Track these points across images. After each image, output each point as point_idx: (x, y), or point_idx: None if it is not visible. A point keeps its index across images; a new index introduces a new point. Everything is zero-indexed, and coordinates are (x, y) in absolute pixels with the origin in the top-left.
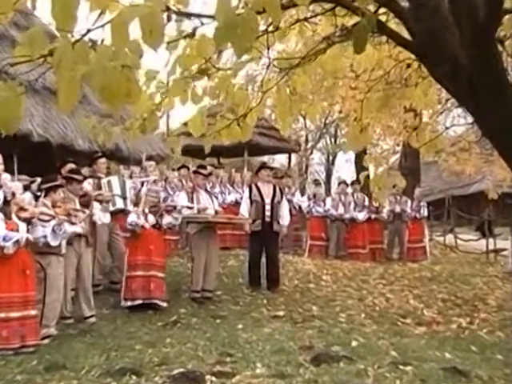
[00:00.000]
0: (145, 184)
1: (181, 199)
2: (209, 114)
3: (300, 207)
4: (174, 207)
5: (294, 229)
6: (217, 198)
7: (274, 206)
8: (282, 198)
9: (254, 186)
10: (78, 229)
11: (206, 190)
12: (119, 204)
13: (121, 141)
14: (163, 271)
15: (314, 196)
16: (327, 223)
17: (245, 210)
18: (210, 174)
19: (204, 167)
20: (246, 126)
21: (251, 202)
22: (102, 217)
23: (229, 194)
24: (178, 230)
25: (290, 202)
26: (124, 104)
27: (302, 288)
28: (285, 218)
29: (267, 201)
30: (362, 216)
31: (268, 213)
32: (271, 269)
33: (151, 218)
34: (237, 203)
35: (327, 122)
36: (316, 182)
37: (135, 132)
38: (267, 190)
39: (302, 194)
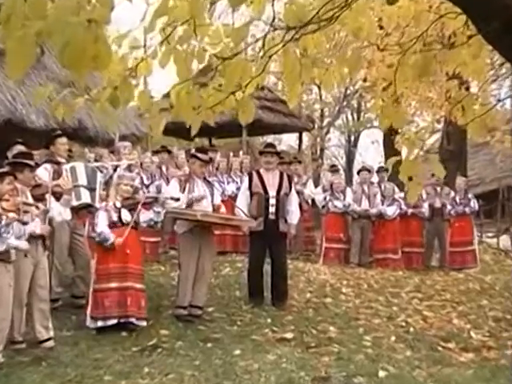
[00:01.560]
0: (118, 170)
1: (170, 189)
2: (197, 83)
3: (313, 201)
4: (156, 199)
5: (305, 228)
6: (218, 189)
7: (280, 199)
8: (290, 189)
9: (255, 174)
10: (37, 228)
11: (205, 179)
12: (85, 197)
13: (86, 116)
14: (142, 281)
15: (331, 187)
16: (348, 221)
17: (243, 204)
18: (211, 159)
19: (204, 151)
20: (245, 101)
21: (251, 195)
22: (61, 213)
23: (227, 183)
24: (158, 228)
25: (300, 194)
26: (90, 69)
27: (316, 303)
28: (293, 215)
29: (272, 193)
30: (391, 211)
31: (272, 208)
32: (277, 279)
33: (126, 215)
34: (237, 196)
35: (348, 92)
36: (333, 169)
37: (104, 105)
38: (272, 180)
39: (316, 185)
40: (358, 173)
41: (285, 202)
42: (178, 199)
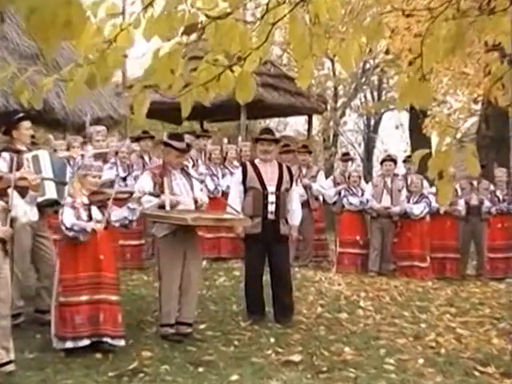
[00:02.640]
0: (85, 158)
1: (141, 184)
2: (186, 56)
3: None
4: (131, 194)
5: (315, 230)
6: (202, 182)
7: (280, 196)
8: (291, 184)
9: (249, 166)
10: None
11: (183, 170)
12: (50, 192)
13: (53, 96)
14: (117, 293)
15: (348, 179)
16: (366, 221)
17: (235, 202)
18: (189, 147)
19: (179, 137)
20: (244, 77)
21: (245, 190)
22: (27, 212)
23: (222, 176)
24: (139, 228)
25: (307, 189)
26: (61, 39)
27: (329, 319)
28: (295, 215)
29: (270, 189)
30: (419, 210)
31: (272, 207)
32: (280, 290)
33: (97, 213)
34: None
35: (367, 67)
36: (345, 158)
37: (79, 85)
38: (270, 172)
39: (327, 178)
40: (382, 163)
41: (285, 199)
42: (157, 195)
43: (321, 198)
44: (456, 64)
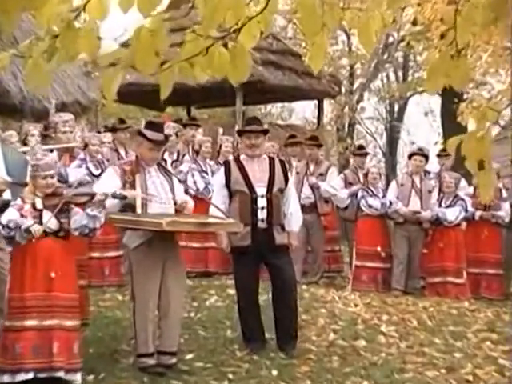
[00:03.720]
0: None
1: (104, 184)
2: (171, 29)
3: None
4: (92, 196)
5: (327, 239)
6: (184, 181)
7: (272, 199)
8: (286, 182)
9: (233, 164)
10: None
11: (161, 167)
12: (5, 193)
13: (9, 76)
14: (75, 317)
15: (366, 176)
16: (389, 228)
17: (219, 209)
18: (166, 138)
19: (156, 126)
20: (239, 52)
21: (230, 195)
22: None
23: (212, 173)
24: (117, 237)
25: (314, 189)
26: (22, 10)
27: (344, 348)
28: (293, 220)
29: (260, 191)
30: (453, 215)
31: (262, 213)
32: (282, 312)
33: (51, 221)
34: None
35: (390, 41)
36: (358, 152)
37: (38, 62)
38: (259, 171)
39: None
40: (409, 158)
41: (279, 202)
42: (123, 197)
43: (334, 200)
44: (497, 38)
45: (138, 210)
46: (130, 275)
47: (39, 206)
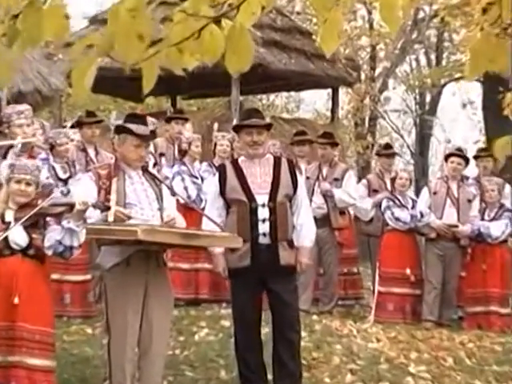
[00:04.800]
0: (9, 155)
1: (82, 192)
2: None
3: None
4: (71, 207)
5: (343, 259)
6: (171, 189)
7: (277, 208)
8: (295, 187)
9: (229, 168)
10: None
11: (146, 171)
12: None
13: None
14: (47, 356)
15: (393, 182)
16: (418, 246)
17: (214, 221)
18: (153, 132)
19: (140, 118)
20: (237, 34)
21: (227, 205)
22: None
23: (202, 179)
24: (83, 257)
25: (326, 197)
26: None
27: None
28: (304, 233)
29: (261, 199)
30: (498, 230)
31: (265, 226)
32: (281, 348)
33: (20, 236)
34: None
35: (421, 16)
36: (385, 152)
37: None
38: (261, 174)
39: (360, 182)
40: (446, 159)
41: (287, 213)
42: (107, 208)
43: (351, 212)
44: None
45: (110, 218)
46: (104, 302)
47: (8, 218)
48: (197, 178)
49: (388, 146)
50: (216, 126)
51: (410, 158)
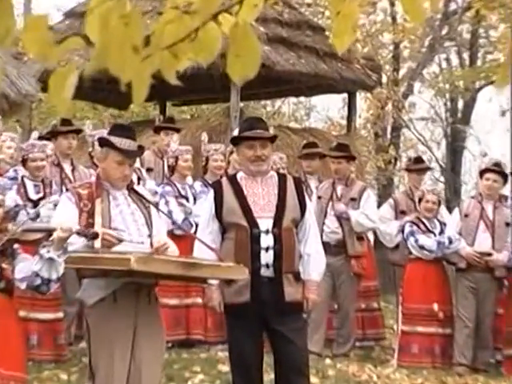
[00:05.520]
0: None
1: (61, 216)
2: None
3: (376, 236)
4: (49, 233)
5: (361, 293)
6: (159, 210)
7: (282, 234)
8: (303, 210)
9: (226, 186)
10: None
11: (132, 191)
12: None
13: None
14: None
15: (419, 203)
16: (447, 277)
17: (206, 250)
18: (141, 148)
19: (126, 130)
20: (242, 32)
21: (223, 230)
22: None
23: (194, 199)
24: (54, 292)
25: (342, 220)
26: None
27: None
28: (312, 262)
29: (264, 223)
30: None
31: (267, 256)
32: None
33: None
34: None
35: (452, 9)
36: (415, 167)
37: None
38: (263, 194)
39: (383, 200)
40: (481, 175)
41: (293, 240)
42: (94, 236)
43: (370, 237)
44: None
45: (97, 244)
46: (87, 344)
47: None
48: (187, 198)
49: (419, 160)
50: (205, 136)
51: (440, 174)
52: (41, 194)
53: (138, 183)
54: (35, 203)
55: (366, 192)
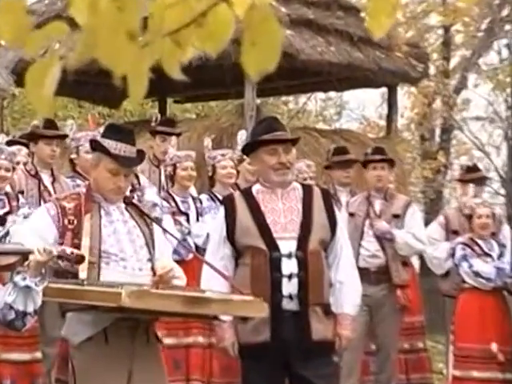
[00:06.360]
0: None
1: (36, 233)
2: None
3: (423, 260)
4: (23, 255)
5: (405, 330)
6: (166, 231)
7: (308, 259)
8: (333, 228)
9: (240, 201)
10: None
11: (131, 205)
12: None
13: None
14: None
15: (470, 220)
16: (509, 311)
17: (216, 278)
18: (141, 153)
19: (122, 132)
20: (257, 17)
21: (237, 254)
22: None
23: (198, 216)
24: (32, 326)
25: (382, 241)
26: None
27: None
28: (344, 293)
29: (286, 245)
30: None
31: (290, 285)
32: None
33: None
34: None
35: None
36: (467, 177)
37: None
38: (285, 211)
39: (431, 218)
40: None
41: (322, 266)
42: (79, 259)
43: (414, 263)
44: None
45: (82, 275)
46: None
47: None
48: (187, 214)
49: (474, 169)
50: (209, 141)
51: (500, 186)
52: (6, 209)
53: (133, 191)
54: (1, 220)
55: (410, 207)
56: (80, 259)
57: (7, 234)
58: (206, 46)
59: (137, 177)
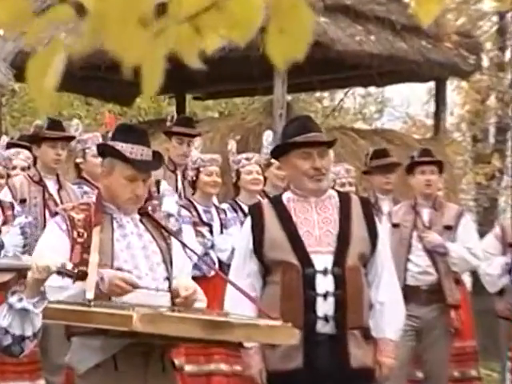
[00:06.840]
0: None
1: (43, 249)
2: None
3: (476, 276)
4: (20, 272)
5: (455, 356)
6: (186, 246)
7: (346, 275)
8: (374, 242)
9: (268, 210)
10: None
11: (147, 216)
12: None
13: None
14: None
15: None
16: None
17: (242, 299)
18: (158, 156)
19: (136, 133)
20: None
21: (266, 270)
22: None
23: (224, 226)
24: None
25: (434, 256)
26: None
27: None
28: (387, 316)
29: (321, 260)
30: None
31: (326, 304)
32: None
33: None
34: None
35: None
36: None
37: None
38: (319, 222)
39: (488, 229)
40: None
41: (361, 284)
42: (82, 275)
43: (466, 280)
44: None
45: (89, 295)
46: None
47: None
48: (210, 225)
49: None
50: (233, 144)
51: None
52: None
53: (148, 199)
54: None
55: (463, 217)
56: (82, 275)
57: (2, 246)
58: (233, 35)
59: (157, 183)
